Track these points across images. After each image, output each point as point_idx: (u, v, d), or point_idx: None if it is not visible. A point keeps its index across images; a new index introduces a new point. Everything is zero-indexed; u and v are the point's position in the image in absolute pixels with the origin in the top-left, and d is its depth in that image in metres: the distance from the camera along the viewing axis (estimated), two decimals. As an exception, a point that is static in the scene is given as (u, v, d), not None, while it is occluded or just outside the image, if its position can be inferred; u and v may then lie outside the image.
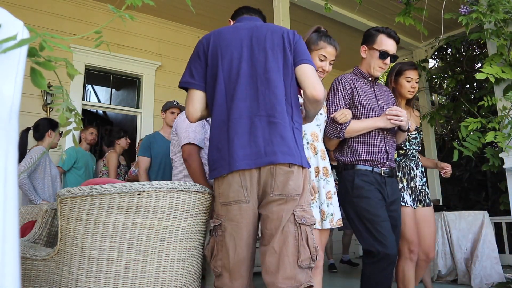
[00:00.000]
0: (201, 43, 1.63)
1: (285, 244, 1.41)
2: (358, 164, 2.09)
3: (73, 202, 1.48)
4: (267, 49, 1.54)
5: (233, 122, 1.47)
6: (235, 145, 1.44)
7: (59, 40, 0.74)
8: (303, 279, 1.41)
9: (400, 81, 2.50)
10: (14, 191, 0.56)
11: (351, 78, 2.22)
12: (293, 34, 1.61)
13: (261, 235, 1.51)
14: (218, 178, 1.49)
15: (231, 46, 1.56)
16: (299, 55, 1.57)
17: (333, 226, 1.92)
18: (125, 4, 0.93)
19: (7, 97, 0.57)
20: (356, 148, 2.11)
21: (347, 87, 2.16)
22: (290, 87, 1.54)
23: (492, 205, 6.53)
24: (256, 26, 1.62)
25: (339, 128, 2.04)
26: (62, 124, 0.83)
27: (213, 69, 1.56)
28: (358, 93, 2.16)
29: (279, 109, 1.47)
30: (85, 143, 4.14)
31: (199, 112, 1.60)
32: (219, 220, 1.48)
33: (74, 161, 3.89)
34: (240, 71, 1.51)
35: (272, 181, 1.42)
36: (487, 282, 3.54)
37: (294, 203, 1.44)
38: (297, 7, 4.41)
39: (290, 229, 1.42)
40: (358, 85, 2.19)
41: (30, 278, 1.59)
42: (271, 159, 1.41)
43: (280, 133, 1.45)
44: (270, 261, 1.42)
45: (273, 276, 1.40)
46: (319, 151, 1.97)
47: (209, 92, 1.58)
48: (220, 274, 1.47)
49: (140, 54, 4.89)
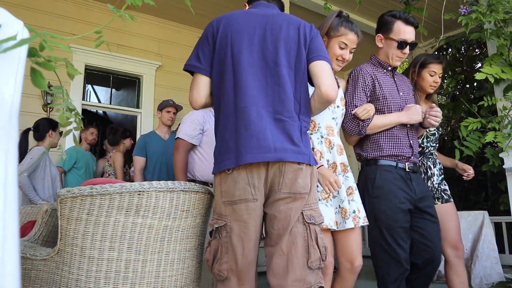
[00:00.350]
0: (211, 26, 1.52)
1: (294, 245, 1.35)
2: (381, 159, 1.94)
3: (73, 202, 1.48)
4: (280, 40, 1.44)
5: (240, 112, 1.37)
6: (242, 137, 1.34)
7: (59, 40, 0.74)
8: (313, 280, 1.36)
9: (422, 74, 2.32)
10: (14, 191, 0.56)
11: (371, 69, 2.04)
12: (310, 28, 1.51)
13: (265, 235, 1.44)
14: (221, 174, 1.39)
15: (243, 33, 1.45)
16: (316, 51, 1.47)
17: (359, 224, 1.75)
18: (125, 4, 0.93)
19: (7, 97, 0.57)
20: (379, 142, 1.95)
21: (367, 79, 1.99)
22: (300, 84, 1.45)
23: (492, 205, 6.53)
24: (273, 14, 1.51)
25: (361, 124, 1.89)
26: (62, 124, 0.83)
27: (221, 54, 1.46)
28: (380, 84, 1.99)
29: (288, 106, 1.40)
30: (86, 143, 4.14)
31: (203, 99, 1.51)
32: (223, 220, 1.39)
33: (75, 161, 3.89)
34: (249, 61, 1.42)
35: (280, 178, 1.35)
36: (487, 282, 3.54)
37: (302, 201, 1.37)
38: (297, 7, 4.41)
39: (299, 229, 1.36)
40: (378, 75, 2.02)
41: (30, 278, 1.59)
42: (281, 156, 1.33)
43: (287, 131, 1.37)
44: (278, 263, 1.35)
45: (282, 279, 1.34)
46: (334, 145, 1.81)
47: (214, 78, 1.48)
48: (225, 278, 1.38)
49: (140, 54, 4.89)
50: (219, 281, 1.41)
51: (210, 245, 1.44)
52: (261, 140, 1.33)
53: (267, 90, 1.40)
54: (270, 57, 1.43)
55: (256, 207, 1.36)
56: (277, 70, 1.42)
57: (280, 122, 1.38)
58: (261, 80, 1.41)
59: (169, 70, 5.03)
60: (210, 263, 1.43)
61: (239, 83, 1.40)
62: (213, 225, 1.43)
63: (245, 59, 1.42)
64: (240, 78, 1.40)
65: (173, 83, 5.00)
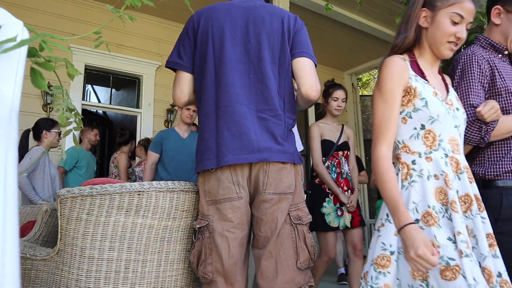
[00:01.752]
0: (191, 20, 1.46)
1: (282, 246, 1.33)
2: (507, 179, 1.37)
3: (73, 202, 1.48)
4: (263, 34, 1.38)
5: (222, 111, 1.32)
6: (224, 137, 1.30)
7: (58, 40, 0.74)
8: (302, 280, 1.35)
9: None
10: (14, 191, 0.56)
11: (486, 53, 1.51)
12: (294, 20, 1.44)
13: (253, 237, 1.41)
14: (205, 173, 1.36)
15: (225, 26, 1.39)
16: (299, 46, 1.40)
17: None
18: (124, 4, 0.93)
19: (7, 97, 0.57)
20: (501, 154, 1.40)
21: (484, 66, 1.45)
22: (284, 79, 1.39)
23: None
24: (255, 6, 1.44)
25: (484, 129, 1.35)
26: (62, 124, 0.83)
27: (202, 50, 1.40)
28: (500, 74, 1.46)
29: (272, 105, 1.35)
30: (88, 143, 4.13)
31: (186, 96, 1.47)
32: (205, 220, 1.35)
33: (76, 160, 3.88)
34: (231, 56, 1.36)
35: (264, 178, 1.31)
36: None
37: (288, 201, 1.34)
38: (297, 7, 4.41)
39: (286, 231, 1.34)
40: (496, 62, 1.49)
41: (30, 278, 1.59)
42: (265, 156, 1.29)
43: (271, 130, 1.33)
44: (266, 265, 1.33)
45: (271, 281, 1.32)
46: (463, 168, 1.18)
47: (196, 74, 1.43)
48: (211, 280, 1.33)
49: (140, 54, 4.89)
50: (205, 284, 1.37)
51: (194, 246, 1.40)
52: (245, 141, 1.30)
53: (250, 88, 1.36)
54: (253, 52, 1.38)
55: (241, 205, 1.32)
56: (260, 66, 1.36)
57: (263, 120, 1.34)
58: (244, 77, 1.36)
59: (169, 70, 4.98)
60: (195, 265, 1.39)
61: (221, 80, 1.35)
62: (195, 225, 1.39)
63: (227, 54, 1.36)
64: (222, 74, 1.35)
65: (173, 83, 5.00)
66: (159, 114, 5.00)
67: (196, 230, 1.40)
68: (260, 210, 1.34)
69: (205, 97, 1.37)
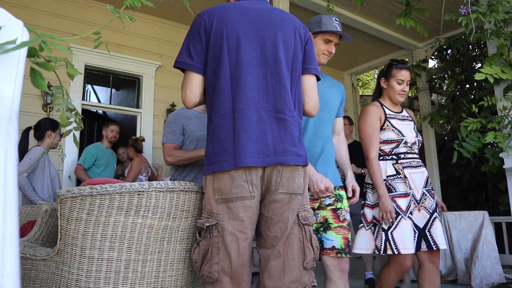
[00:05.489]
0: (202, 20, 1.41)
1: (290, 246, 1.35)
2: None
3: (73, 202, 1.48)
4: (278, 38, 1.40)
5: (239, 113, 1.32)
6: (242, 139, 1.30)
7: (58, 40, 0.74)
8: (307, 280, 1.38)
9: None
10: (14, 191, 0.56)
11: None
12: (304, 30, 1.49)
13: (259, 236, 1.42)
14: (217, 172, 1.34)
15: (239, 29, 1.38)
16: (309, 61, 1.47)
17: None
18: (124, 5, 0.93)
19: (7, 97, 0.57)
20: None
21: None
22: (296, 85, 1.43)
23: (493, 206, 6.52)
24: (266, 9, 1.45)
25: None
26: (62, 124, 0.83)
27: (216, 51, 1.37)
28: None
29: (289, 105, 1.37)
30: (106, 141, 4.09)
31: (197, 98, 1.43)
32: (214, 219, 1.33)
33: (95, 158, 3.86)
34: (248, 58, 1.36)
35: (278, 178, 1.32)
36: (487, 282, 3.54)
37: (297, 202, 1.36)
38: (297, 7, 4.41)
39: (294, 231, 1.36)
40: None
41: (30, 278, 1.59)
42: (281, 160, 1.31)
43: (290, 131, 1.35)
44: (274, 265, 1.34)
45: (278, 281, 1.33)
46: None
47: (209, 76, 1.40)
48: (216, 280, 1.32)
49: (140, 54, 4.89)
50: (208, 283, 1.35)
51: (199, 245, 1.38)
52: (261, 144, 1.30)
53: (268, 89, 1.36)
54: (270, 54, 1.38)
55: (252, 204, 1.32)
56: (278, 68, 1.38)
57: (282, 121, 1.35)
58: (261, 78, 1.36)
59: (169, 70, 5.03)
60: (199, 264, 1.37)
61: (238, 83, 1.35)
62: (203, 224, 1.37)
63: (244, 56, 1.36)
64: (239, 77, 1.35)
65: (173, 83, 4.99)
66: (159, 114, 5.00)
67: (202, 229, 1.38)
68: (270, 210, 1.34)
69: (219, 98, 1.36)
